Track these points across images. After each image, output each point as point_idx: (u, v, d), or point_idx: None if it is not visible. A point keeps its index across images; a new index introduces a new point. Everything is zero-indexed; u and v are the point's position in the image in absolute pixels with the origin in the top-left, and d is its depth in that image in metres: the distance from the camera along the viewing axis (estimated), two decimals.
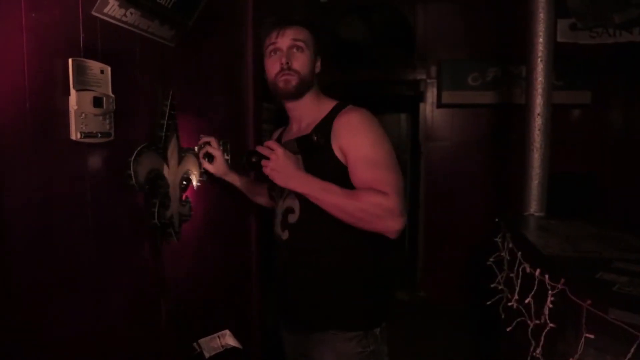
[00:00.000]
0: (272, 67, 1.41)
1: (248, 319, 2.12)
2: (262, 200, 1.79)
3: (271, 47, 1.40)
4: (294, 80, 1.38)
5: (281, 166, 1.25)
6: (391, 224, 1.22)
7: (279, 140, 1.56)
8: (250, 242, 2.13)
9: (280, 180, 1.26)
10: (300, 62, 1.38)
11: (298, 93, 1.41)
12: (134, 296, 1.34)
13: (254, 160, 1.31)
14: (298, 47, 1.39)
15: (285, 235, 1.41)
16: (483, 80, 3.77)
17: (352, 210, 1.23)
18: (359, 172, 1.27)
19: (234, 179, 1.69)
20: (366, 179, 1.25)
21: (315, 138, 1.24)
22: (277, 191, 1.45)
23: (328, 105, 1.43)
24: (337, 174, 1.29)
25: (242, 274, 2.08)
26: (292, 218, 1.38)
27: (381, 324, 1.39)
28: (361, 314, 1.36)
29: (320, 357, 1.36)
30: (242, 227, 2.08)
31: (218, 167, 1.63)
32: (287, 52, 1.38)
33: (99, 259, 1.18)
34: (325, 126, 1.34)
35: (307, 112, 1.45)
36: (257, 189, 1.76)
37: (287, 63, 1.37)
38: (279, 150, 1.25)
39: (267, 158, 1.26)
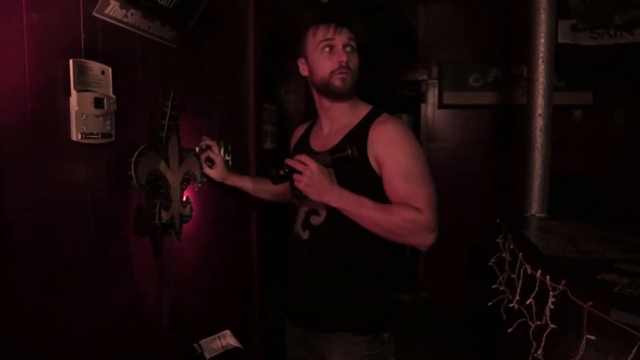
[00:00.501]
0: (326, 63, 1.37)
1: (249, 320, 2.12)
2: (267, 196, 1.77)
3: (326, 43, 1.37)
4: (350, 80, 1.37)
5: (315, 181, 1.25)
6: (424, 239, 1.26)
7: (305, 137, 1.55)
8: (251, 243, 2.13)
9: (314, 195, 1.27)
10: (355, 62, 1.39)
11: (351, 93, 1.41)
12: (134, 297, 1.34)
13: (282, 173, 1.31)
14: (352, 47, 1.39)
15: (305, 235, 1.42)
16: (484, 80, 3.76)
17: (386, 225, 1.26)
18: (395, 185, 1.29)
19: (234, 181, 1.69)
20: (401, 193, 1.28)
21: (349, 152, 1.24)
22: (301, 193, 1.39)
23: (363, 109, 1.43)
24: (371, 183, 1.31)
25: (243, 274, 2.09)
26: (316, 220, 1.39)
27: (390, 328, 1.41)
28: (372, 319, 1.38)
29: (329, 356, 1.37)
30: (243, 228, 2.09)
31: (218, 172, 1.64)
32: (344, 51, 1.37)
33: (99, 259, 1.18)
34: (360, 133, 1.35)
35: (344, 114, 1.44)
36: (261, 186, 1.75)
37: (347, 62, 1.36)
38: (313, 166, 1.25)
39: (297, 171, 1.27)
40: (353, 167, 1.30)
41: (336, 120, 1.44)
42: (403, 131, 1.34)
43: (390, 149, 1.30)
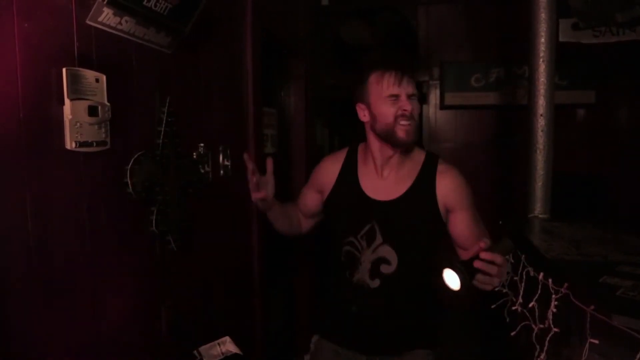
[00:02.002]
0: (390, 110, 1.39)
1: (251, 325, 2.11)
2: (293, 230, 1.72)
3: (392, 93, 1.39)
4: (413, 132, 1.40)
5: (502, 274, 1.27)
6: None
7: (350, 177, 1.52)
8: (252, 248, 2.12)
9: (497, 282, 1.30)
10: (417, 111, 1.42)
11: (414, 143, 1.46)
12: (133, 304, 1.33)
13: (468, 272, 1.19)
14: (415, 96, 1.42)
15: (375, 283, 1.46)
16: (486, 81, 3.74)
17: None
18: (464, 229, 1.45)
19: (275, 209, 1.60)
20: (469, 235, 1.44)
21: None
22: (362, 241, 1.46)
23: (418, 155, 1.51)
24: (437, 228, 1.46)
25: (244, 280, 2.08)
26: (387, 269, 1.44)
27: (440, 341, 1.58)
28: (436, 333, 1.57)
29: None
30: (244, 233, 2.08)
31: (269, 196, 1.53)
32: (409, 101, 1.38)
33: (97, 268, 1.17)
34: (427, 183, 1.45)
35: (404, 161, 1.48)
36: (293, 220, 1.70)
37: (412, 112, 1.38)
38: (503, 261, 1.24)
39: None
40: (425, 207, 1.43)
41: (394, 166, 1.48)
42: (464, 179, 1.50)
43: (458, 198, 1.45)
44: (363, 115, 1.47)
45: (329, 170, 1.58)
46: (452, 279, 1.17)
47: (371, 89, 1.42)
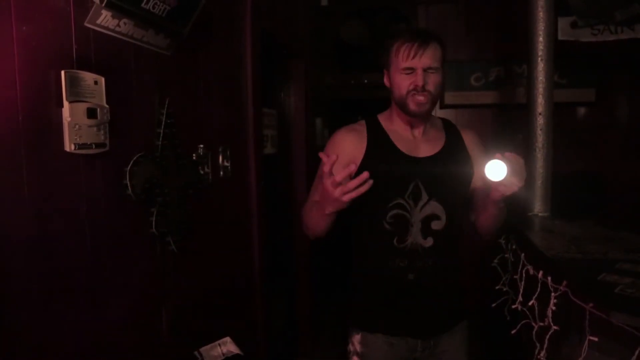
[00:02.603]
0: (403, 83, 1.41)
1: (252, 326, 2.12)
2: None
3: (406, 66, 1.39)
4: (427, 103, 1.40)
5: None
6: None
7: (385, 143, 1.48)
8: (252, 248, 2.12)
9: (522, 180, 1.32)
10: (434, 83, 1.40)
11: (428, 115, 1.48)
12: (134, 306, 1.34)
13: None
14: (436, 68, 1.40)
15: (428, 242, 1.44)
16: (486, 80, 3.74)
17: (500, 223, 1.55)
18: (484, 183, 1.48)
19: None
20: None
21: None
22: (410, 200, 1.44)
23: (435, 118, 1.59)
24: (471, 172, 1.51)
25: (244, 281, 2.08)
26: (438, 225, 1.44)
27: None
28: (466, 305, 1.64)
29: (460, 345, 1.59)
30: (244, 233, 2.08)
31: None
32: (423, 74, 1.39)
33: (97, 270, 1.18)
34: (457, 140, 1.54)
35: (428, 123, 1.53)
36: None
37: (423, 86, 1.39)
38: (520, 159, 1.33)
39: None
40: (464, 159, 1.51)
41: (421, 127, 1.51)
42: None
43: (481, 152, 1.55)
44: (387, 80, 1.50)
45: (355, 139, 1.49)
46: (496, 169, 1.27)
47: (391, 59, 1.44)
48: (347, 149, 1.45)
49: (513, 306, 1.61)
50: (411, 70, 1.39)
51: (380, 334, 1.48)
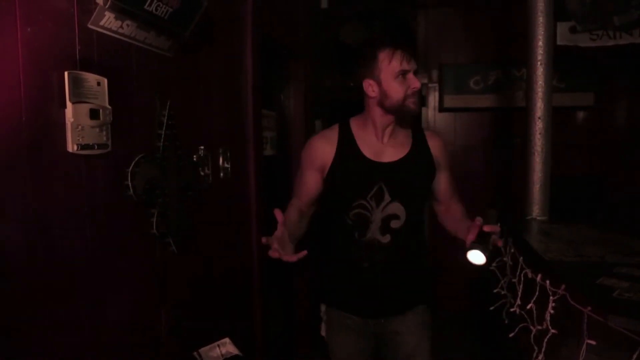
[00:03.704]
0: (401, 88, 1.52)
1: (251, 326, 2.12)
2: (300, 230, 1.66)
3: (401, 71, 1.51)
4: (419, 103, 1.57)
5: None
6: None
7: (350, 147, 1.61)
8: (251, 248, 2.13)
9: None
10: (419, 86, 1.55)
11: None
12: (133, 306, 1.34)
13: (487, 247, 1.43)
14: (416, 71, 1.55)
15: (385, 239, 1.59)
16: (485, 83, 3.76)
17: None
18: (447, 184, 1.71)
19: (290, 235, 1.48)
20: (450, 189, 1.73)
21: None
22: (372, 201, 1.59)
23: (405, 123, 1.68)
24: (432, 177, 1.67)
25: (244, 281, 2.08)
26: (397, 224, 1.59)
27: None
28: (430, 291, 1.81)
29: (407, 329, 1.68)
30: (243, 234, 2.09)
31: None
32: (414, 76, 1.53)
33: (97, 270, 1.18)
34: (422, 144, 1.67)
35: (399, 128, 1.64)
36: (302, 224, 1.67)
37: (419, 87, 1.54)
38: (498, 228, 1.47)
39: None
40: (427, 161, 1.65)
41: (392, 133, 1.63)
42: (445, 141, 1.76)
43: (445, 155, 1.70)
44: (372, 91, 1.56)
45: (325, 145, 1.64)
46: (476, 257, 1.42)
47: (382, 66, 1.52)
48: (318, 155, 1.63)
49: (511, 309, 1.61)
50: (405, 73, 1.51)
51: (339, 309, 1.71)
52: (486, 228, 1.41)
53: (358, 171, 1.60)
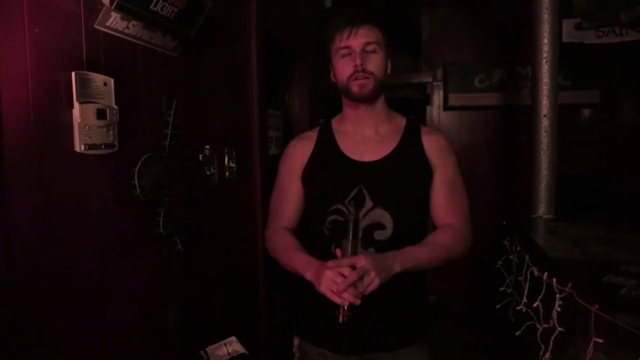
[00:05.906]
0: (344, 68, 1.33)
1: (257, 325, 2.13)
2: None
3: (343, 48, 1.33)
4: (370, 84, 1.31)
5: (379, 269, 1.16)
6: (464, 252, 1.41)
7: (328, 145, 1.42)
8: (257, 248, 2.13)
9: (384, 277, 1.18)
10: (377, 63, 1.32)
11: (375, 97, 1.36)
12: (140, 305, 1.35)
13: (347, 309, 1.16)
14: (374, 48, 1.32)
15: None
16: (490, 82, 3.75)
17: (441, 260, 1.35)
18: (440, 195, 1.38)
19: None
20: (442, 204, 1.38)
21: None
22: (350, 207, 1.33)
23: (399, 118, 1.46)
24: (429, 178, 1.38)
25: (249, 281, 2.09)
26: (382, 235, 1.30)
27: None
28: (429, 328, 1.43)
29: None
30: (249, 234, 2.09)
31: None
32: (361, 53, 1.30)
33: (104, 269, 1.19)
34: (413, 140, 1.40)
35: (383, 121, 1.41)
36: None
37: (362, 65, 1.30)
38: (368, 263, 1.15)
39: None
40: (417, 162, 1.37)
41: (373, 126, 1.40)
42: (450, 145, 1.45)
43: (443, 158, 1.39)
44: (332, 76, 1.42)
45: (303, 146, 1.47)
46: None
47: (331, 47, 1.38)
48: (297, 158, 1.46)
49: (517, 307, 1.61)
50: (348, 50, 1.32)
51: (314, 345, 1.42)
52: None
53: (334, 170, 1.38)
